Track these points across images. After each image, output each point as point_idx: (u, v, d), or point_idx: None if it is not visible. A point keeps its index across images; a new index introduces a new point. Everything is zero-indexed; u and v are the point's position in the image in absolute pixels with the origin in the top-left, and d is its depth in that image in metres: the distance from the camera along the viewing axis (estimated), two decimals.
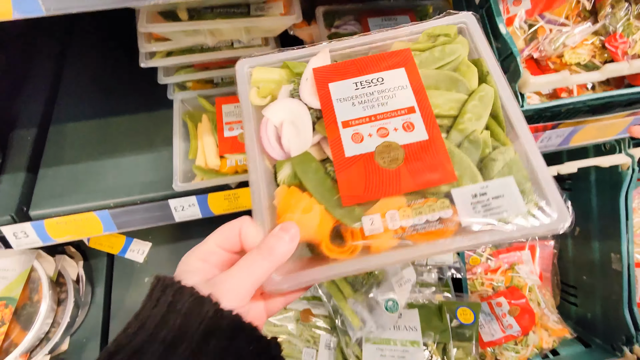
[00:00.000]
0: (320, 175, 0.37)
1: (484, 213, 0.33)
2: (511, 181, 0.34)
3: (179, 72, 0.80)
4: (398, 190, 0.35)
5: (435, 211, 0.34)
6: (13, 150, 0.82)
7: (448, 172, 0.35)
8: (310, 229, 0.35)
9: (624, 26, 0.64)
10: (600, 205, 0.93)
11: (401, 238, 0.34)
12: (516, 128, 0.38)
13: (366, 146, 0.37)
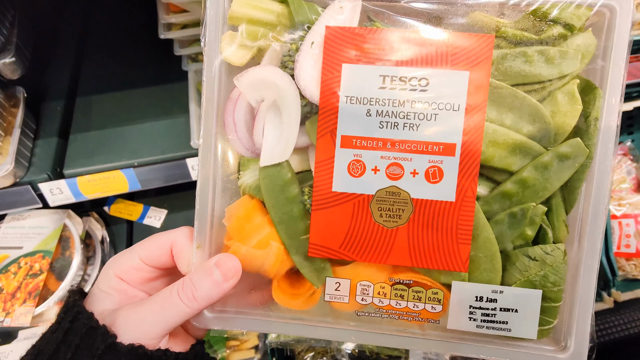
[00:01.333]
0: (292, 203, 0.27)
1: (481, 324, 0.25)
2: (537, 296, 0.24)
3: (192, 45, 0.89)
4: (385, 259, 0.25)
5: (421, 301, 0.25)
6: (45, 119, 0.91)
7: (459, 260, 0.25)
8: (261, 267, 0.28)
9: None
10: None
11: (367, 316, 0.27)
12: (589, 224, 0.27)
13: (365, 184, 0.26)
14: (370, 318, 0.27)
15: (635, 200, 1.04)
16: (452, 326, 0.25)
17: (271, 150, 0.26)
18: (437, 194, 0.24)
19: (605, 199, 0.27)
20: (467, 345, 0.26)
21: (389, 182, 0.25)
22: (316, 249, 0.26)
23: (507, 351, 0.25)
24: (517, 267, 0.24)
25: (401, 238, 0.25)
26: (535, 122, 0.24)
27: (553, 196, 0.26)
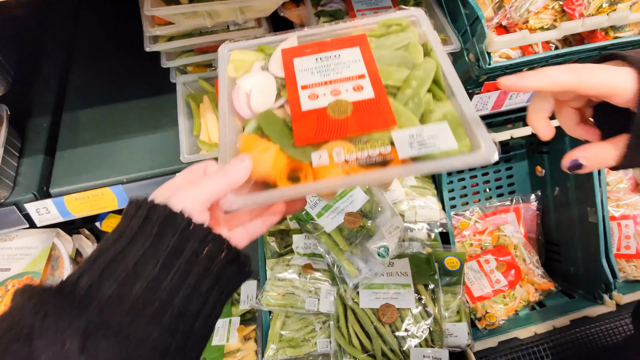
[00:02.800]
0: (279, 125, 0.43)
1: (419, 149, 0.38)
2: (445, 125, 0.39)
3: (180, 57, 0.87)
4: (345, 133, 0.40)
5: (375, 147, 0.39)
6: (30, 136, 0.89)
7: (389, 119, 0.40)
8: (266, 166, 0.40)
9: None
10: None
11: (345, 170, 0.39)
12: (454, 90, 0.43)
13: (320, 103, 0.42)
14: (347, 169, 0.40)
15: (634, 200, 1.03)
16: (403, 155, 0.38)
17: (263, 107, 0.45)
18: (363, 96, 0.42)
19: (453, 72, 0.45)
20: (419, 165, 0.38)
21: (333, 98, 0.43)
22: (300, 140, 0.41)
23: (446, 162, 0.37)
24: (427, 119, 0.41)
25: (351, 121, 0.41)
26: (405, 60, 0.46)
27: (431, 87, 0.44)
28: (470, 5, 0.66)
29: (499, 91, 0.70)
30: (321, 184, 0.38)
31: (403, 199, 0.81)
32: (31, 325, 0.27)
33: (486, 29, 0.63)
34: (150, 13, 0.68)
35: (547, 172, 1.09)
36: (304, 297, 0.75)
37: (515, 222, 1.11)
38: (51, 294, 0.30)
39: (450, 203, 1.13)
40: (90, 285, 0.30)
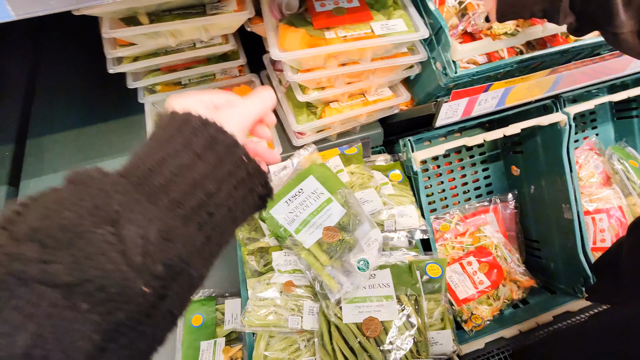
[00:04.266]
0: (304, 20, 0.68)
1: (386, 30, 0.66)
2: (400, 20, 0.68)
3: (147, 76, 0.85)
4: (343, 23, 0.67)
5: (362, 30, 0.67)
6: None
7: (369, 16, 0.68)
8: (297, 42, 0.64)
9: None
10: (547, 162, 1.02)
11: (346, 40, 0.65)
12: (406, 4, 0.71)
13: (327, 8, 0.68)
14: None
15: (606, 194, 1.06)
16: (377, 32, 0.67)
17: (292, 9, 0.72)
18: (353, 5, 0.69)
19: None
20: (386, 38, 0.64)
21: (335, 6, 0.69)
22: (317, 25, 0.68)
23: (400, 36, 0.67)
24: (392, 16, 0.68)
25: (347, 18, 0.68)
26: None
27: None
28: (433, 15, 0.66)
29: (467, 98, 0.71)
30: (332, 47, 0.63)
31: (381, 209, 0.81)
32: (117, 211, 0.28)
33: (450, 39, 0.64)
34: (109, 35, 0.66)
35: (522, 171, 1.11)
36: (286, 315, 0.74)
37: (494, 222, 1.12)
38: (132, 184, 0.31)
39: (431, 207, 1.14)
40: (160, 183, 0.31)
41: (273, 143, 0.83)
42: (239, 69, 0.93)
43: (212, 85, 0.90)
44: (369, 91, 0.81)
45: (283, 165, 0.86)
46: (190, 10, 0.69)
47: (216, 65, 0.87)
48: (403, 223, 0.83)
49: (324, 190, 0.76)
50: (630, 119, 1.18)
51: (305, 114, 0.81)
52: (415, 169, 0.86)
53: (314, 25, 0.65)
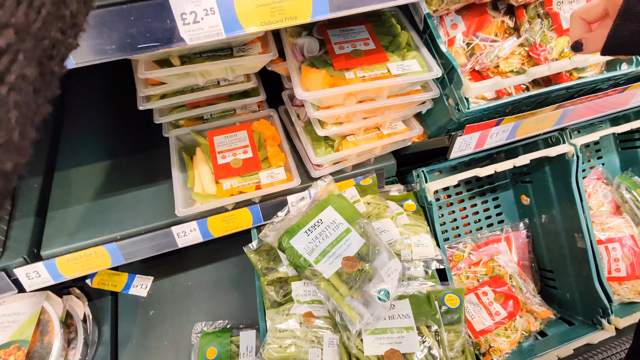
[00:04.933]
0: (324, 62, 0.74)
1: (402, 70, 0.71)
2: (414, 60, 0.73)
3: (172, 112, 0.90)
4: (362, 64, 0.72)
5: (379, 70, 0.72)
6: (21, 197, 0.88)
7: (385, 58, 0.73)
8: (318, 82, 0.70)
9: (541, 37, 0.78)
10: (557, 192, 1.04)
11: (365, 80, 0.70)
12: (418, 46, 0.77)
13: (346, 51, 0.75)
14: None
15: (617, 223, 1.07)
16: (394, 72, 0.72)
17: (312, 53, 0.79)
18: (370, 47, 0.77)
19: (414, 35, 0.79)
20: (402, 78, 0.70)
21: (352, 49, 0.76)
22: (338, 67, 0.73)
23: (416, 76, 0.71)
24: (406, 57, 0.76)
25: (364, 59, 0.74)
26: (389, 33, 0.81)
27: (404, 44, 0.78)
28: (445, 56, 0.71)
29: (479, 132, 0.74)
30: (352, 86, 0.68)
31: (398, 239, 0.82)
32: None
33: (462, 77, 0.68)
34: (145, 76, 0.71)
35: (532, 200, 1.13)
36: (306, 347, 0.74)
37: (507, 251, 1.13)
38: None
39: (443, 236, 1.15)
40: None
41: (292, 174, 0.86)
42: (258, 105, 0.98)
43: (232, 120, 0.95)
44: (384, 125, 0.85)
45: (301, 196, 0.88)
46: (219, 53, 0.75)
47: (237, 101, 0.92)
48: (419, 253, 0.85)
49: (343, 220, 0.78)
50: (634, 149, 1.21)
51: (323, 147, 0.85)
52: (430, 199, 0.89)
53: (334, 66, 0.70)
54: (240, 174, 0.85)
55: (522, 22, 0.81)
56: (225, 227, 0.88)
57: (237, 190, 0.84)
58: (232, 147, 0.89)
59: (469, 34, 0.83)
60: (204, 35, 0.49)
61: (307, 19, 0.52)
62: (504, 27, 0.83)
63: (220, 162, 0.87)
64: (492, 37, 0.82)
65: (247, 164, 0.86)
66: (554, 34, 0.77)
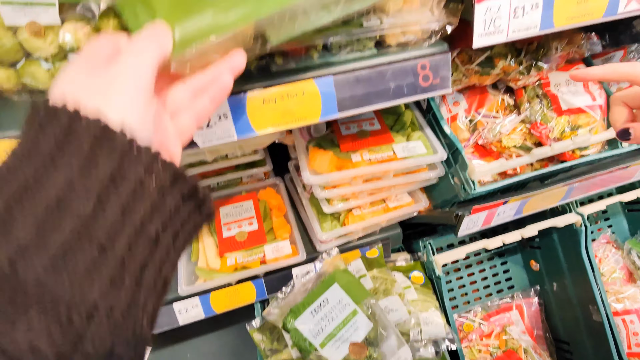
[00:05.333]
0: (331, 143, 0.76)
1: (407, 152, 0.72)
2: (419, 142, 0.74)
3: None
4: (368, 145, 0.73)
5: (384, 152, 0.72)
6: None
7: (390, 139, 0.74)
8: (326, 163, 0.70)
9: (542, 116, 0.80)
10: (568, 260, 1.02)
11: (371, 163, 0.71)
12: (422, 126, 0.79)
13: (352, 131, 0.77)
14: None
15: (632, 292, 1.04)
16: (399, 155, 0.74)
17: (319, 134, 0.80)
18: (375, 128, 0.78)
19: (419, 114, 0.81)
20: (407, 161, 0.72)
21: (358, 129, 0.78)
22: (344, 149, 0.74)
23: (421, 159, 0.73)
24: (411, 138, 0.77)
25: (371, 140, 0.75)
26: (394, 112, 0.83)
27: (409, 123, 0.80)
28: (449, 137, 0.73)
29: (486, 211, 0.74)
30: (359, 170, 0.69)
31: (406, 319, 0.80)
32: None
33: (467, 160, 0.69)
34: None
35: (542, 266, 1.11)
36: None
37: (519, 320, 1.09)
38: None
39: (452, 303, 1.11)
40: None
41: (297, 247, 0.85)
42: (264, 173, 0.99)
43: (238, 188, 0.96)
44: (390, 198, 0.86)
45: (306, 270, 0.86)
46: None
47: (244, 172, 0.93)
48: (429, 332, 0.81)
49: (350, 300, 0.76)
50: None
51: (329, 221, 0.84)
52: (438, 274, 0.87)
53: (340, 148, 0.72)
54: (246, 247, 0.84)
55: (521, 101, 0.84)
56: (228, 303, 0.85)
57: (241, 265, 0.82)
58: (237, 219, 0.89)
59: (471, 111, 0.85)
60: (216, 138, 0.50)
61: (316, 120, 0.53)
62: (505, 105, 0.86)
63: (225, 235, 0.86)
64: (494, 114, 0.85)
65: (253, 237, 0.86)
66: (553, 114, 0.79)
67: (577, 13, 0.53)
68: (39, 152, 0.23)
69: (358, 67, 0.52)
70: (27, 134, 0.24)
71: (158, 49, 0.29)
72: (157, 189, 0.26)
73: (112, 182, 0.24)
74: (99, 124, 0.24)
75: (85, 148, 0.23)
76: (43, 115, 0.24)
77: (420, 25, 0.53)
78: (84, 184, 0.23)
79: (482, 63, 0.76)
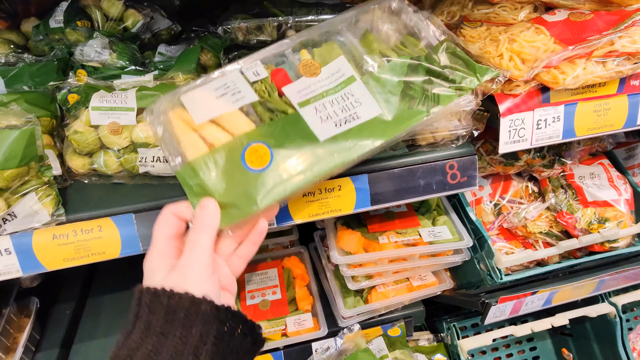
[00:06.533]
0: (359, 223, 0.79)
1: (433, 237, 0.74)
2: (445, 227, 0.76)
3: None
4: (394, 227, 0.76)
5: (410, 236, 0.75)
6: (51, 326, 0.89)
7: (416, 222, 0.77)
8: (354, 243, 0.74)
9: (567, 206, 0.81)
10: (603, 352, 0.96)
11: (397, 246, 0.74)
12: (448, 210, 0.82)
13: (379, 212, 0.79)
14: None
15: None
16: (425, 240, 0.72)
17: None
18: (402, 210, 0.82)
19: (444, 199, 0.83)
20: (434, 246, 0.74)
21: (385, 210, 0.80)
22: (372, 229, 0.77)
23: (446, 245, 0.73)
24: (437, 223, 0.82)
25: (397, 223, 0.78)
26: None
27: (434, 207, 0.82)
28: (474, 223, 0.75)
29: (514, 301, 0.73)
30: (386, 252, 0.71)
31: None
32: None
33: (493, 249, 0.70)
34: None
35: (575, 356, 1.04)
36: None
37: None
38: None
39: None
40: None
41: (319, 321, 0.84)
42: (289, 242, 1.02)
43: (264, 255, 0.98)
44: (414, 277, 0.86)
45: (327, 346, 0.85)
46: None
47: (272, 239, 0.97)
48: None
49: None
50: None
51: (352, 296, 0.84)
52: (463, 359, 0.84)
53: (368, 229, 0.74)
54: (268, 317, 0.85)
55: (546, 190, 0.85)
56: None
57: None
58: (261, 287, 0.91)
59: (495, 196, 0.87)
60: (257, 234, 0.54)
61: (350, 211, 0.57)
62: (529, 191, 0.88)
63: (249, 304, 0.87)
64: (518, 200, 0.87)
65: (275, 307, 0.86)
66: (579, 205, 0.80)
67: (597, 125, 0.57)
68: (152, 328, 0.35)
69: (391, 166, 0.57)
70: (139, 313, 0.37)
71: (211, 231, 0.41)
72: (228, 332, 0.37)
73: (201, 339, 0.35)
74: (188, 296, 0.36)
75: (181, 316, 0.35)
76: (148, 298, 0.36)
77: (449, 130, 0.57)
78: (184, 346, 0.35)
79: (506, 155, 0.79)
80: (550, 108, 0.56)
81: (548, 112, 0.56)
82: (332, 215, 0.56)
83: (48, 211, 0.48)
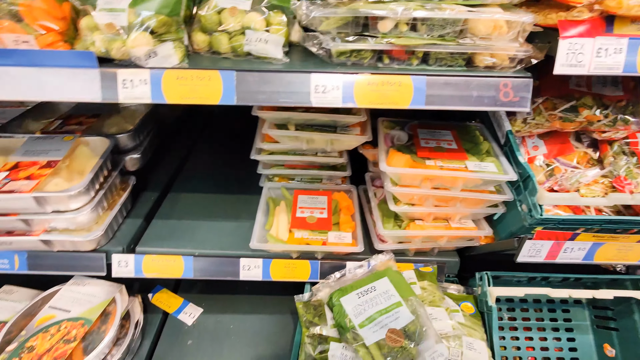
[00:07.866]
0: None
1: (480, 168, 0.80)
2: (492, 163, 0.82)
3: (273, 168, 1.09)
4: (447, 157, 0.83)
5: (457, 166, 0.82)
6: (139, 203, 1.09)
7: (464, 156, 0.83)
8: (401, 161, 0.82)
9: (627, 171, 0.81)
10: None
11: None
12: (497, 153, 0.88)
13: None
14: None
15: None
16: (471, 168, 0.81)
17: None
18: (453, 147, 0.90)
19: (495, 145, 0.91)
20: (479, 173, 0.80)
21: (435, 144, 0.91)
22: (420, 154, 0.85)
23: (492, 175, 0.78)
24: (485, 160, 0.87)
25: (451, 154, 0.86)
26: (472, 141, 0.95)
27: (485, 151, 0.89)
28: (522, 166, 0.78)
29: (552, 241, 0.75)
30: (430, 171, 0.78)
31: (449, 332, 0.79)
32: None
33: (537, 186, 0.73)
34: (266, 131, 0.92)
35: (619, 353, 0.98)
36: None
37: None
38: None
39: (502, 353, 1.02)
40: None
41: (357, 241, 0.92)
42: (342, 179, 1.12)
43: (317, 186, 1.10)
44: (453, 219, 0.90)
45: (360, 264, 0.93)
46: (326, 128, 0.93)
47: (327, 172, 1.08)
48: (470, 357, 0.78)
49: (396, 293, 0.79)
50: None
51: (391, 223, 0.91)
52: (490, 304, 0.85)
53: (417, 154, 0.82)
54: (313, 228, 0.95)
55: (605, 156, 0.86)
56: (285, 273, 0.95)
57: (305, 242, 0.93)
58: (311, 206, 1.01)
59: (550, 157, 0.89)
60: (327, 102, 0.65)
61: (405, 106, 0.66)
62: (587, 158, 0.89)
63: (298, 215, 0.98)
64: (574, 164, 0.88)
65: (320, 222, 0.96)
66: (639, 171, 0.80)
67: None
68: None
69: (448, 73, 0.65)
70: None
71: None
72: None
73: None
74: None
75: None
76: None
77: (507, 51, 0.64)
78: None
79: (566, 110, 0.82)
80: (613, 38, 0.59)
81: (610, 42, 0.59)
82: (389, 106, 0.65)
83: (178, 57, 0.65)
